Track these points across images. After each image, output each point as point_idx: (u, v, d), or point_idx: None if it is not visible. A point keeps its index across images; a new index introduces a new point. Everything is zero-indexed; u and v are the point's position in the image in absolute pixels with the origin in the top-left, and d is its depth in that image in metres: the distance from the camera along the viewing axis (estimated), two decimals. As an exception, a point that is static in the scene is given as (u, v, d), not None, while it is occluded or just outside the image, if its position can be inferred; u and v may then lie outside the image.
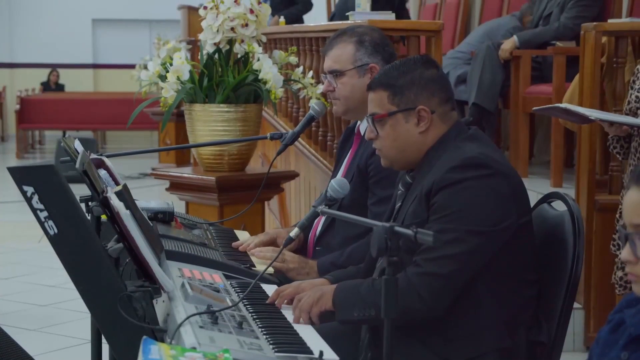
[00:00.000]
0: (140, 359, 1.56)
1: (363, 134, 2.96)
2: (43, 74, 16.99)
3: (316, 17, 9.02)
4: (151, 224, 2.69)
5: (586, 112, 3.36)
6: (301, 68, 3.98)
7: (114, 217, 2.07)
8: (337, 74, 2.98)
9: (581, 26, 4.32)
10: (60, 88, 16.91)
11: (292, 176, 4.26)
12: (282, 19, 7.25)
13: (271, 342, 1.98)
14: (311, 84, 3.90)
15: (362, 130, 3.00)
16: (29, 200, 1.97)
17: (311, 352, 1.96)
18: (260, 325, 2.10)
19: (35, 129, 15.48)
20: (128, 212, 2.04)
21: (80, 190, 2.23)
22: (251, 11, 3.76)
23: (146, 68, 4.03)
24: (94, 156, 2.75)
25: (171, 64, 3.79)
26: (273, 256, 2.67)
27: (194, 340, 1.79)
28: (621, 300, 1.84)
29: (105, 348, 2.37)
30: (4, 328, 2.58)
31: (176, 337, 1.86)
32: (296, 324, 2.24)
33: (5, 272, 6.27)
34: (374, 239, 1.87)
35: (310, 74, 4.05)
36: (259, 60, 3.77)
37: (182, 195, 4.08)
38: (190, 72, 3.78)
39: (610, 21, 4.61)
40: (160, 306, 2.13)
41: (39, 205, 1.96)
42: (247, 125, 3.84)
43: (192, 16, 10.27)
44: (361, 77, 2.93)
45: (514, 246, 2.26)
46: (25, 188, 1.96)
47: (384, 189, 2.79)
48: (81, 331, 4.62)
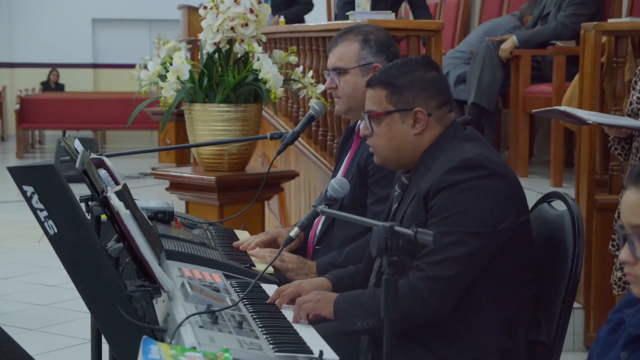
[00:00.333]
0: (140, 358, 1.56)
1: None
2: (43, 74, 16.99)
3: (316, 17, 9.01)
4: (151, 224, 2.69)
5: (584, 115, 3.35)
6: (301, 68, 3.98)
7: (113, 216, 2.07)
8: (340, 71, 2.97)
9: (581, 26, 4.31)
10: (60, 88, 16.91)
11: (292, 176, 4.26)
12: (282, 18, 7.24)
13: (271, 341, 1.98)
14: (311, 84, 3.90)
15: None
16: (28, 200, 1.96)
17: (311, 352, 1.96)
18: (260, 325, 2.10)
19: (35, 129, 15.48)
20: (128, 211, 2.04)
21: (80, 190, 2.23)
22: (251, 11, 3.76)
23: (146, 68, 4.03)
24: (93, 156, 2.75)
25: (171, 64, 3.79)
26: (271, 256, 2.67)
27: (194, 340, 1.79)
28: (620, 300, 1.83)
29: (105, 348, 2.37)
30: (4, 328, 2.58)
31: (176, 336, 1.86)
32: (296, 324, 2.24)
33: (5, 272, 6.26)
34: (373, 239, 1.86)
35: (310, 73, 4.04)
36: (259, 60, 3.77)
37: (182, 195, 4.08)
38: (190, 71, 3.78)
39: (610, 21, 4.61)
40: (160, 306, 2.13)
41: (38, 205, 1.96)
42: (247, 125, 3.84)
43: (192, 16, 10.27)
44: (364, 76, 2.92)
45: (512, 246, 2.25)
46: (25, 188, 1.96)
47: (383, 188, 2.79)
48: (81, 331, 4.62)
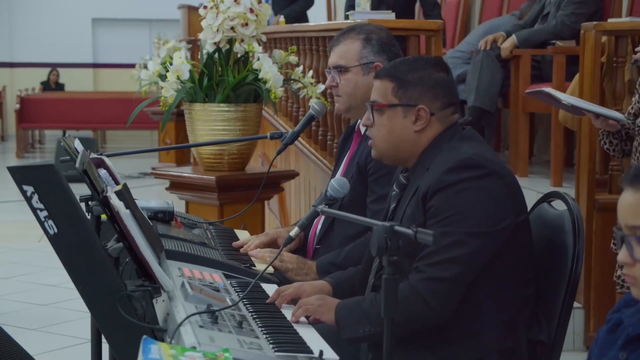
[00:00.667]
0: (140, 358, 1.56)
1: (363, 133, 2.95)
2: (43, 74, 16.98)
3: (317, 17, 9.01)
4: (151, 224, 2.69)
5: (562, 97, 3.35)
6: (301, 67, 3.98)
7: (113, 216, 2.07)
8: (341, 69, 2.97)
9: (581, 26, 4.32)
10: (60, 87, 16.91)
11: (292, 176, 4.26)
12: (282, 18, 7.25)
13: (271, 341, 1.98)
14: (311, 84, 3.90)
15: (362, 129, 3.00)
16: (28, 200, 1.96)
17: (311, 352, 1.96)
18: (260, 325, 2.10)
19: (35, 129, 15.48)
20: (128, 211, 2.04)
21: (80, 190, 2.23)
22: (251, 10, 3.76)
23: (146, 67, 4.03)
24: (93, 155, 2.75)
25: (171, 64, 3.79)
26: (271, 257, 2.67)
27: (194, 339, 1.79)
28: (619, 300, 1.83)
29: (105, 348, 2.37)
30: (4, 328, 2.58)
31: (176, 336, 1.86)
32: (296, 324, 2.24)
33: (5, 271, 6.26)
34: (373, 239, 1.85)
35: (310, 73, 4.05)
36: (258, 59, 3.76)
37: (182, 194, 4.08)
38: (190, 71, 3.78)
39: (610, 20, 4.61)
40: (160, 306, 2.13)
41: (38, 205, 1.96)
42: (247, 124, 3.84)
43: (192, 16, 10.28)
44: (365, 74, 2.93)
45: (511, 245, 2.25)
46: (25, 188, 1.96)
47: (382, 187, 2.79)
48: (81, 331, 4.62)
